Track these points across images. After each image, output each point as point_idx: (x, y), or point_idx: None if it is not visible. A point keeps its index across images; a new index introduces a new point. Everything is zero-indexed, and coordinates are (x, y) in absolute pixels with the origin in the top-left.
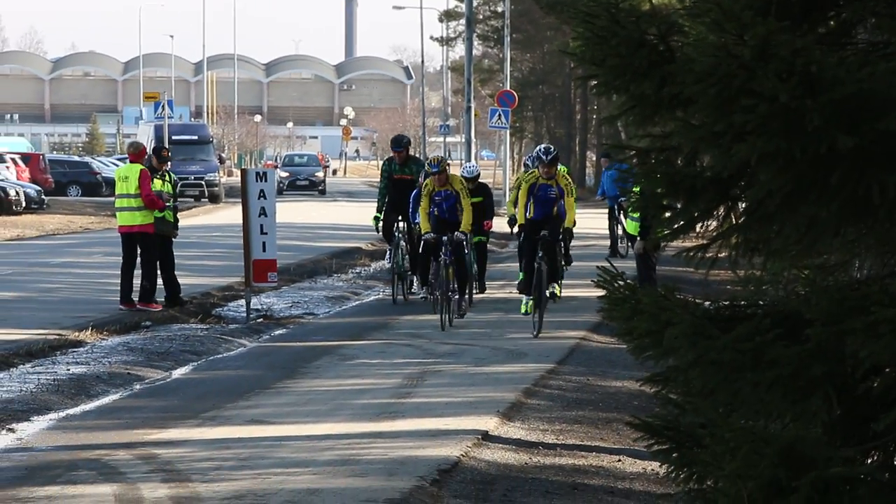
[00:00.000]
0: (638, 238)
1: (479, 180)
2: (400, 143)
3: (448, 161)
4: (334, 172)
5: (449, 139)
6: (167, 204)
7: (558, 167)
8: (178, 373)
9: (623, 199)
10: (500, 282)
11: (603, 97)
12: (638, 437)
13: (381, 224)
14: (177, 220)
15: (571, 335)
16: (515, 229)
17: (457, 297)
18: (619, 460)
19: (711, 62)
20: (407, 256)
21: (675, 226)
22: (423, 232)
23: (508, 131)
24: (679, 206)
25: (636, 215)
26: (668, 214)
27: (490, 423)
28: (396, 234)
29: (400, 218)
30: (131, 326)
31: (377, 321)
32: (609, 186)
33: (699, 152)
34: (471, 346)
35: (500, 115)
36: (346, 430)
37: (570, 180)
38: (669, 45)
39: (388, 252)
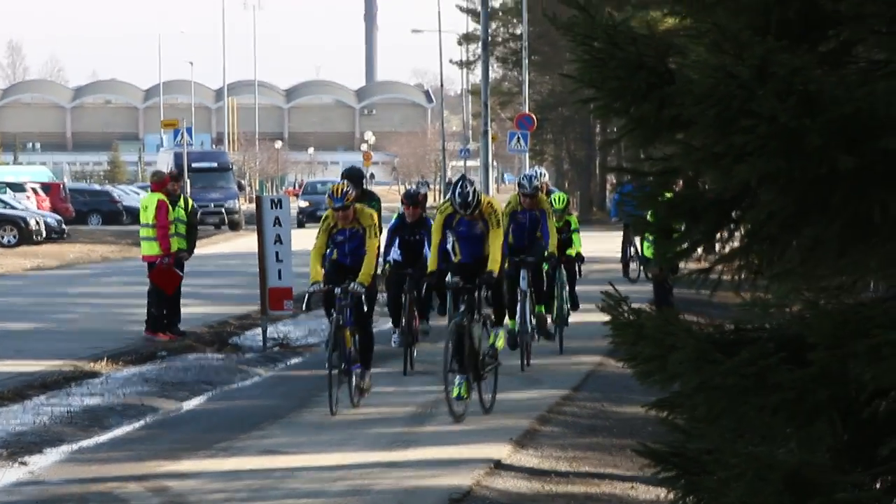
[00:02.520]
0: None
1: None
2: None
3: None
4: None
5: (469, 163)
6: (173, 242)
7: (549, 194)
8: (192, 403)
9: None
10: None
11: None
12: (645, 464)
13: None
14: (192, 246)
15: (587, 360)
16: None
17: (359, 369)
18: (633, 487)
19: (710, 83)
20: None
21: (677, 249)
22: (428, 270)
23: (528, 154)
24: (681, 228)
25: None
26: (670, 237)
27: (503, 451)
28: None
29: None
30: (147, 356)
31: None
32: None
33: (700, 174)
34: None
35: (518, 138)
36: (359, 460)
37: (550, 205)
38: (668, 67)
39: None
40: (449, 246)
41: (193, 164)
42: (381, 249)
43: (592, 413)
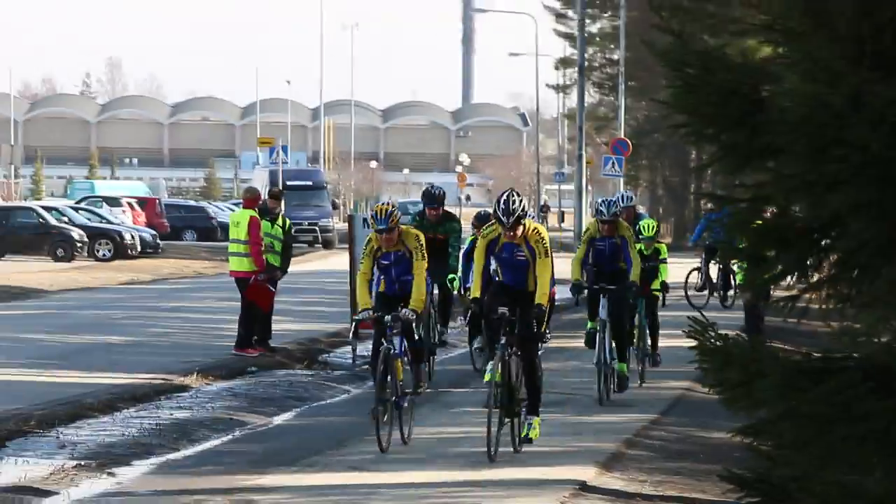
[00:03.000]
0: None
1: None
2: (434, 197)
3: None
4: None
5: (564, 186)
6: (267, 260)
7: (639, 219)
8: (280, 419)
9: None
10: None
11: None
12: (730, 489)
13: None
14: (287, 264)
15: (676, 385)
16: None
17: (405, 403)
18: None
19: (803, 112)
20: (438, 328)
21: (767, 276)
22: (471, 296)
23: (622, 179)
24: (771, 255)
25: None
26: (760, 264)
27: (588, 473)
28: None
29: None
30: (237, 372)
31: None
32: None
33: (791, 202)
34: (574, 396)
35: (613, 162)
36: (443, 479)
37: (632, 232)
38: (761, 95)
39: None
40: (491, 271)
41: (288, 182)
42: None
43: (680, 437)
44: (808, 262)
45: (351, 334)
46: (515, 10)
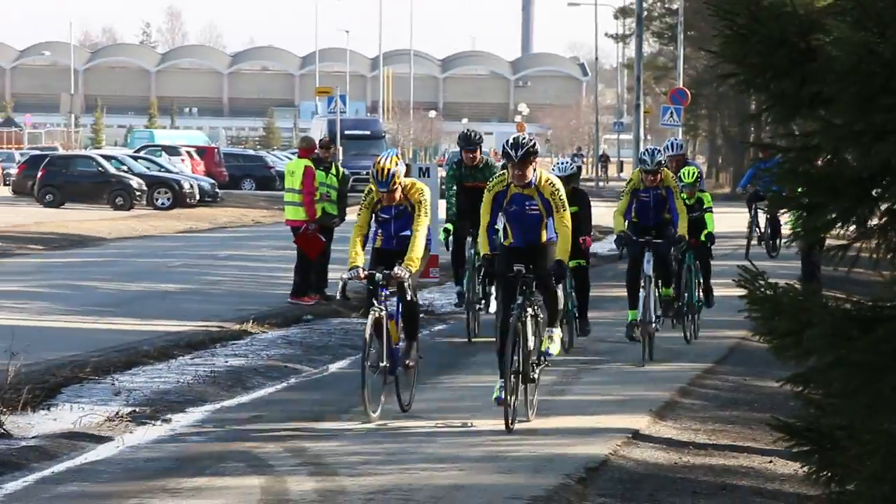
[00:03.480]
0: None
1: (577, 184)
2: (470, 140)
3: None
4: None
5: (623, 136)
6: (320, 206)
7: (685, 165)
8: (334, 367)
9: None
10: None
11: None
12: (780, 437)
13: (450, 239)
14: (343, 213)
15: (731, 335)
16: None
17: (405, 366)
18: (771, 461)
19: (852, 61)
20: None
21: (816, 225)
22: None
23: (681, 129)
24: (820, 204)
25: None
26: (808, 214)
27: (642, 422)
28: (471, 251)
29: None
30: (292, 320)
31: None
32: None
33: (840, 151)
34: (629, 345)
35: (672, 112)
36: (498, 427)
37: (677, 182)
38: (810, 44)
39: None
40: (500, 229)
41: (346, 132)
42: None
43: (734, 387)
44: (858, 212)
45: (339, 293)
46: None
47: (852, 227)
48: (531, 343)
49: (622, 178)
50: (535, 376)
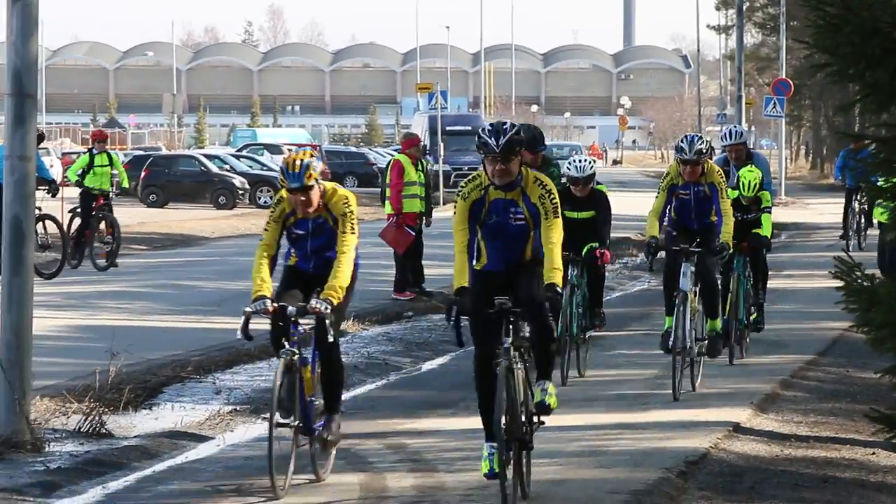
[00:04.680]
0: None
1: (596, 185)
2: (536, 142)
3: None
4: (614, 163)
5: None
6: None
7: (749, 158)
8: (435, 363)
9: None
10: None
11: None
12: (877, 429)
13: None
14: (429, 210)
15: (835, 326)
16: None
17: (322, 426)
18: (874, 453)
19: None
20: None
21: None
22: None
23: (784, 120)
24: None
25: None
26: None
27: (742, 415)
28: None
29: None
30: (392, 316)
31: (640, 311)
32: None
33: None
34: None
35: (775, 103)
36: (596, 421)
37: (723, 177)
38: None
39: None
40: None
41: (447, 128)
42: None
43: (836, 378)
44: None
45: (240, 331)
46: None
47: None
48: (522, 395)
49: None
50: (531, 439)
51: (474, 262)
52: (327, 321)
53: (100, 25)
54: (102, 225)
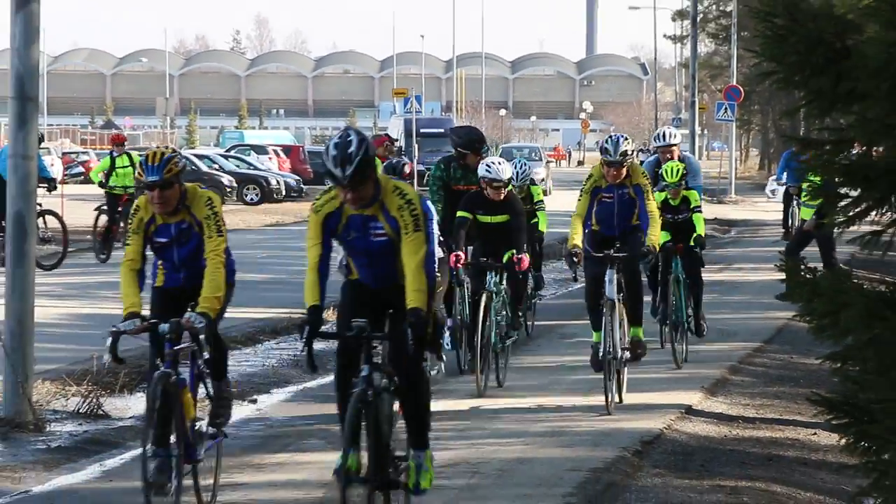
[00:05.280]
0: (813, 218)
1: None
2: (473, 142)
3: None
4: (579, 163)
5: (681, 131)
6: None
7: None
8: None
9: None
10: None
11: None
12: (818, 411)
13: None
14: None
15: (780, 315)
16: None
17: (200, 456)
18: (815, 434)
19: (884, 58)
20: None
21: (852, 213)
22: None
23: (735, 124)
24: (855, 194)
25: (813, 203)
26: (844, 202)
27: (694, 398)
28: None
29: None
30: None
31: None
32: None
33: (873, 143)
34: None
35: (726, 108)
36: (559, 403)
37: (648, 179)
38: (845, 43)
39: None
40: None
41: (422, 130)
42: None
43: (781, 364)
44: (892, 200)
45: (107, 354)
46: None
47: (886, 215)
48: (387, 430)
49: None
50: (395, 480)
51: (347, 273)
52: (202, 336)
53: (97, 32)
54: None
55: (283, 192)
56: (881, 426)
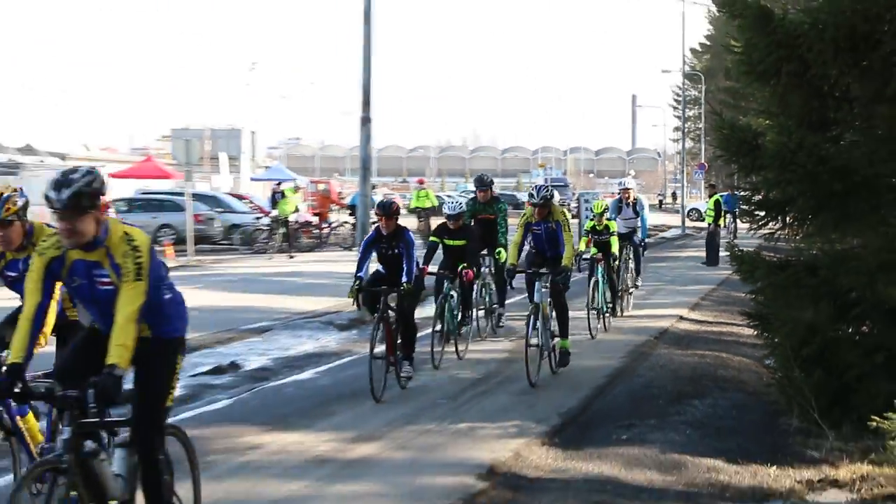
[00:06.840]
0: (711, 224)
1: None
2: (483, 182)
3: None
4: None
5: (673, 182)
6: None
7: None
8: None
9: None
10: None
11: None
12: (745, 319)
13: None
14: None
15: (724, 274)
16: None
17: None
18: (743, 329)
19: (776, 150)
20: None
21: (760, 224)
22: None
23: (702, 181)
24: (761, 214)
25: (711, 214)
26: (757, 218)
27: (683, 311)
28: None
29: (486, 252)
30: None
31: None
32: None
33: (770, 191)
34: (681, 276)
35: (698, 173)
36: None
37: (567, 216)
38: (757, 142)
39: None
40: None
41: (552, 183)
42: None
43: (726, 297)
44: (778, 218)
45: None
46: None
47: (777, 225)
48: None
49: (676, 205)
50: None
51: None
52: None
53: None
54: None
55: None
56: (773, 326)
